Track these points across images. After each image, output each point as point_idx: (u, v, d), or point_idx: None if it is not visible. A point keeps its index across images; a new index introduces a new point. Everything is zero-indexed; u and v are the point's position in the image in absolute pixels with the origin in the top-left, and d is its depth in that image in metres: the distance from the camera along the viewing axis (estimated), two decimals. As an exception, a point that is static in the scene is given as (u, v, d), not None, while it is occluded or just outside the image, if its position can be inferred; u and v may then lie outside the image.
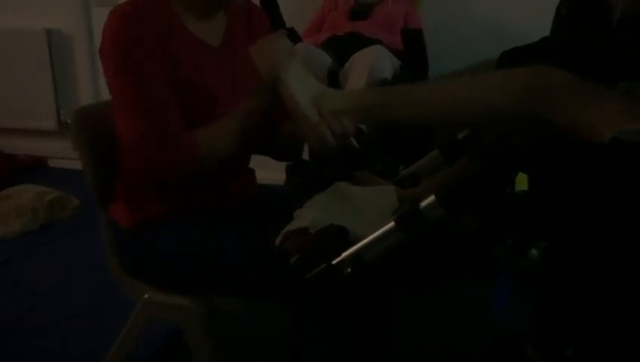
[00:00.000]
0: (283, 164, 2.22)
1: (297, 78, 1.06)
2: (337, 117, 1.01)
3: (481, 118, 0.90)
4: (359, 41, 2.41)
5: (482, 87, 0.90)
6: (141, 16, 1.13)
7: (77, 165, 1.34)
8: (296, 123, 1.07)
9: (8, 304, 2.05)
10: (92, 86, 3.37)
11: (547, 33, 1.56)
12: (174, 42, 1.16)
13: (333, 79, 2.35)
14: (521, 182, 1.04)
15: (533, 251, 2.02)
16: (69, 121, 1.31)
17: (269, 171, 1.50)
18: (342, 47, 2.42)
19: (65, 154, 3.39)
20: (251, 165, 1.39)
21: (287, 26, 2.56)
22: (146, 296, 1.26)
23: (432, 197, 0.80)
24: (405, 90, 1.01)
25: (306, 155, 1.63)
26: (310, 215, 1.05)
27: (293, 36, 2.52)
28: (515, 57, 2.35)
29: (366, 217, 1.03)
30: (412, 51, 2.53)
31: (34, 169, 3.44)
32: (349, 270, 0.85)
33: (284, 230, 1.04)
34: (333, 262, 0.86)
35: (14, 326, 1.91)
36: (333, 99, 1.04)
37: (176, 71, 1.15)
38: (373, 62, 2.26)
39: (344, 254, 0.86)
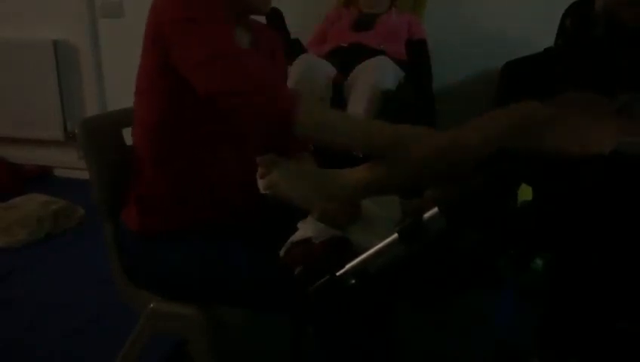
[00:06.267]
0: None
1: (294, 187, 1.06)
2: (343, 200, 1.03)
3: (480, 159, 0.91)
4: (363, 52, 2.42)
5: (474, 137, 0.90)
6: None
7: (83, 175, 1.35)
8: None
9: (13, 314, 2.06)
10: (98, 96, 3.40)
11: (550, 44, 1.57)
12: None
13: (338, 90, 2.36)
14: (525, 192, 1.04)
15: (538, 261, 2.01)
16: (75, 131, 1.32)
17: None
18: (346, 58, 2.42)
19: (71, 164, 3.41)
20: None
21: (292, 37, 2.57)
22: (151, 305, 1.26)
23: (435, 210, 0.80)
24: (404, 158, 1.01)
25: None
26: (314, 226, 1.05)
27: (298, 47, 2.53)
28: (518, 68, 2.35)
29: (369, 228, 1.04)
30: (416, 61, 2.53)
31: (40, 178, 3.45)
32: (353, 282, 0.86)
33: (289, 241, 1.05)
34: (337, 273, 0.87)
35: (19, 336, 1.91)
36: (335, 184, 1.04)
37: None
38: (377, 74, 2.26)
39: (348, 266, 0.86)
